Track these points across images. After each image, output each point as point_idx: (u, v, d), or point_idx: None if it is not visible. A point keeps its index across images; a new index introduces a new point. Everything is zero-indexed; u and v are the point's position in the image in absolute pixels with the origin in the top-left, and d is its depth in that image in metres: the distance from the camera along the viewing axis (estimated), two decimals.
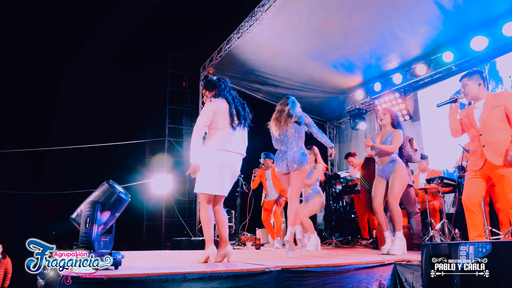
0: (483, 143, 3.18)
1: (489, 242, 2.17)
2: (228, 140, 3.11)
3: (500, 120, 3.15)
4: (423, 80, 7.44)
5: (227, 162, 3.10)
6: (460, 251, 2.22)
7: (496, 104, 3.18)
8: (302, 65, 7.72)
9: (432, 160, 6.09)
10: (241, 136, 3.25)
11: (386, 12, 6.01)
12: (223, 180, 3.07)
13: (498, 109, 3.15)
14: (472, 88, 3.31)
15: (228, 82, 3.32)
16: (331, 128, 10.26)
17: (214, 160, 3.05)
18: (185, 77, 10.75)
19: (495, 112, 3.16)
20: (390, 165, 3.97)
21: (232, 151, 3.12)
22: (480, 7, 5.69)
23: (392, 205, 3.91)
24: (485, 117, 3.21)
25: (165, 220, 9.56)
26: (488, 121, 3.19)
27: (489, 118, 3.18)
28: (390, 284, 2.77)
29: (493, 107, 3.18)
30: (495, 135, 3.14)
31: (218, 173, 3.05)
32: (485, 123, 3.20)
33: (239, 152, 3.21)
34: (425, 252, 2.45)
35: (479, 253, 2.15)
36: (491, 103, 3.21)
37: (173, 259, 3.32)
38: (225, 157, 3.09)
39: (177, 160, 9.53)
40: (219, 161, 3.06)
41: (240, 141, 3.24)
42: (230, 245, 3.08)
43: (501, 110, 3.14)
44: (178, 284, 2.08)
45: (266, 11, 6.30)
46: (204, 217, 3.04)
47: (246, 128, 3.34)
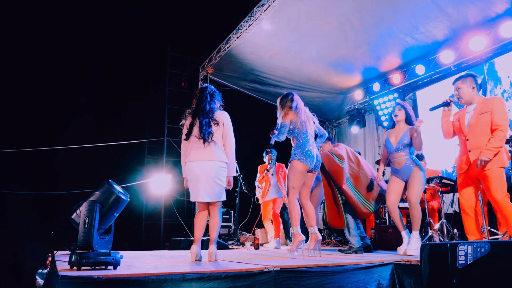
0: (469, 148, 3.26)
1: (487, 242, 2.17)
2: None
3: (487, 126, 3.20)
4: (421, 80, 7.45)
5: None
6: (459, 251, 2.23)
7: (484, 109, 3.23)
8: (301, 65, 7.72)
9: (431, 160, 6.09)
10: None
11: (385, 12, 6.01)
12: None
13: (486, 115, 3.20)
14: (465, 91, 3.34)
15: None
16: (330, 128, 10.26)
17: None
18: (184, 77, 10.74)
19: (482, 118, 3.22)
20: (410, 167, 3.84)
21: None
22: (479, 7, 5.70)
23: (414, 205, 3.81)
24: (472, 122, 3.27)
25: (164, 220, 9.54)
26: (475, 126, 3.25)
27: (477, 123, 3.24)
28: (389, 284, 2.77)
29: (481, 112, 3.24)
30: (480, 140, 3.20)
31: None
32: (472, 128, 3.27)
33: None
34: (424, 252, 2.45)
35: (478, 253, 2.16)
36: (480, 109, 3.27)
37: (172, 259, 3.32)
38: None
39: (176, 160, 9.52)
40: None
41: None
42: (213, 246, 3.22)
43: (488, 116, 3.20)
44: (177, 284, 2.07)
45: (265, 11, 6.30)
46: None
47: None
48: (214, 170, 3.21)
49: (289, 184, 3.60)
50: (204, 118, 3.23)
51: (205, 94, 3.32)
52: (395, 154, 3.93)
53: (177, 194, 9.57)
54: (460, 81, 3.38)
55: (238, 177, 6.56)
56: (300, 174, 3.59)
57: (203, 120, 3.22)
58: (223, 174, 3.28)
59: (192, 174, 3.23)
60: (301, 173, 3.60)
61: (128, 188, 8.83)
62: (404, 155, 3.87)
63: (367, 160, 8.71)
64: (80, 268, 2.20)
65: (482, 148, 3.15)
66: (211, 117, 3.26)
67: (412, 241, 3.75)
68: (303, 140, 3.67)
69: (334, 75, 8.13)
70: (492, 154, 3.10)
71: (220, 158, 3.26)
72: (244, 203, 6.85)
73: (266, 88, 8.73)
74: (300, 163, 3.59)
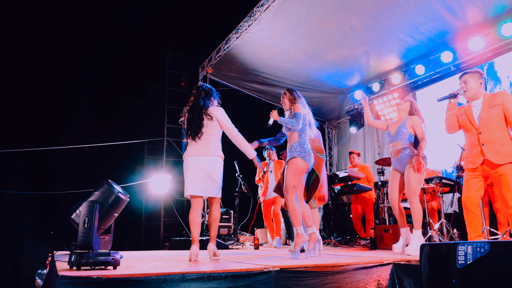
0: (483, 142, 3.21)
1: (487, 242, 2.17)
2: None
3: (499, 119, 3.19)
4: (421, 80, 7.45)
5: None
6: (459, 251, 2.22)
7: (494, 103, 3.22)
8: (301, 65, 7.72)
9: (431, 160, 6.07)
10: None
11: (385, 12, 6.02)
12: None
13: (497, 108, 3.20)
14: (473, 85, 3.35)
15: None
16: (330, 128, 10.26)
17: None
18: (184, 77, 10.74)
19: (494, 111, 3.21)
20: (406, 152, 3.82)
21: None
22: (479, 7, 5.70)
23: (411, 201, 3.73)
24: (484, 115, 3.24)
25: (163, 220, 9.54)
26: (487, 119, 3.22)
27: (489, 116, 3.22)
28: (388, 284, 2.77)
29: (492, 106, 3.22)
30: (494, 133, 3.18)
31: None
32: (484, 122, 3.23)
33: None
34: (423, 252, 2.45)
35: (478, 253, 2.15)
36: (489, 102, 3.26)
37: (171, 259, 3.31)
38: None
39: (175, 160, 9.52)
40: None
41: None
42: (213, 244, 3.27)
43: (499, 109, 3.19)
44: (176, 284, 2.07)
45: (265, 11, 6.30)
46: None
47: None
48: (208, 165, 3.26)
49: (289, 182, 3.41)
50: (196, 113, 3.32)
51: (199, 91, 3.43)
52: (393, 144, 3.97)
53: (176, 194, 9.57)
54: (469, 75, 3.38)
55: (237, 177, 6.56)
56: (301, 172, 3.47)
57: (195, 115, 3.31)
58: (218, 170, 3.31)
59: (187, 168, 3.29)
60: (302, 171, 3.47)
61: (127, 188, 8.83)
62: (401, 144, 3.88)
63: (367, 160, 8.71)
64: (80, 268, 2.20)
65: (497, 141, 3.13)
66: (204, 112, 3.33)
67: (412, 240, 3.72)
68: (305, 137, 3.57)
69: (333, 75, 8.13)
70: None
71: (215, 153, 3.30)
72: (244, 203, 6.85)
73: (265, 88, 8.73)
74: (302, 160, 3.44)
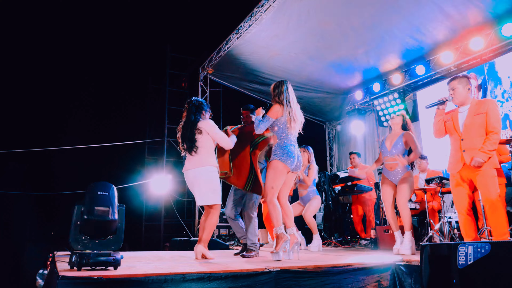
0: (464, 148, 3.31)
1: (488, 242, 2.17)
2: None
3: (482, 127, 3.29)
4: (422, 80, 7.45)
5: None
6: (459, 252, 2.22)
7: (479, 111, 3.29)
8: (301, 66, 7.72)
9: (431, 160, 6.09)
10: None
11: (385, 12, 6.02)
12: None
13: (481, 116, 3.28)
14: (461, 91, 3.39)
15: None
16: (330, 129, 10.26)
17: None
18: (184, 77, 10.75)
19: (478, 118, 3.29)
20: (400, 171, 4.07)
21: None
22: (479, 7, 5.70)
23: (402, 207, 4.01)
24: (468, 123, 3.32)
25: (164, 220, 9.55)
26: (470, 127, 3.30)
27: (472, 124, 3.29)
28: (389, 285, 2.77)
29: (477, 113, 3.30)
30: (475, 141, 3.27)
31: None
32: (467, 129, 3.32)
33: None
34: (424, 252, 2.45)
35: (478, 254, 2.15)
36: (475, 110, 3.32)
37: (172, 259, 3.32)
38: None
39: (176, 161, 9.53)
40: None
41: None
42: (200, 245, 3.38)
43: (483, 117, 3.29)
44: (177, 284, 2.07)
45: (265, 12, 6.30)
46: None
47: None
48: (203, 175, 3.43)
49: (268, 184, 3.35)
50: (188, 129, 3.50)
51: (190, 106, 3.60)
52: (389, 158, 4.12)
53: (177, 194, 9.58)
54: (456, 81, 3.41)
55: None
56: (281, 174, 3.37)
57: (187, 132, 3.50)
58: (209, 178, 3.44)
59: (188, 181, 3.55)
60: (281, 173, 3.37)
61: (128, 189, 8.84)
62: (397, 158, 4.04)
63: (367, 160, 8.71)
64: (81, 269, 2.19)
65: (477, 149, 3.22)
66: (195, 127, 3.50)
67: (405, 241, 3.94)
68: (285, 138, 3.42)
69: (334, 76, 8.13)
70: (487, 156, 3.18)
71: (208, 163, 3.46)
72: None
73: (266, 88, 8.72)
74: (280, 162, 3.35)
